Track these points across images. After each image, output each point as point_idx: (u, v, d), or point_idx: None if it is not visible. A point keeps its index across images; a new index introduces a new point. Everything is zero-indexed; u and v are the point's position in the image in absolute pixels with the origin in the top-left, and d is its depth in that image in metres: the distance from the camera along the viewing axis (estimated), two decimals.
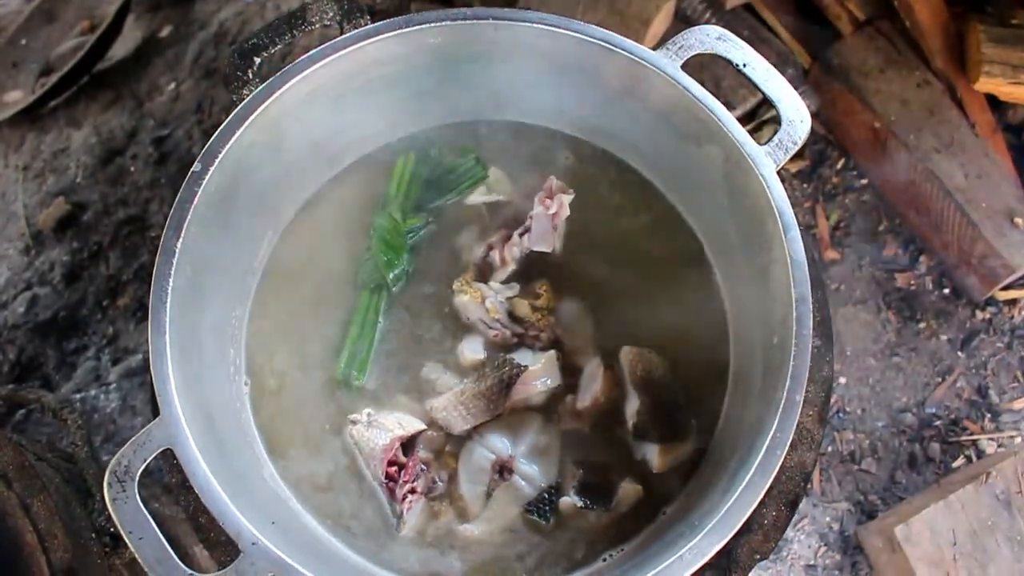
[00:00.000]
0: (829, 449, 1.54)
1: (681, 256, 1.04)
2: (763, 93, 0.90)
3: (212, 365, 0.95)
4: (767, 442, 0.79)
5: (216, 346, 0.97)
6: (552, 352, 0.97)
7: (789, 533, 1.49)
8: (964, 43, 1.52)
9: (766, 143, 0.88)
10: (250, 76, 1.03)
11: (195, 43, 1.89)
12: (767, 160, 0.88)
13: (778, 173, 0.88)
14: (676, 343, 0.98)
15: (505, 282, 1.01)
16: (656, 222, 1.05)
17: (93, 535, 1.06)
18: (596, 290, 1.02)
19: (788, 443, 0.80)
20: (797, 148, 0.89)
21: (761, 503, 0.94)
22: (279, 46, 1.04)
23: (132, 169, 1.76)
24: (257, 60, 1.03)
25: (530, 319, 0.98)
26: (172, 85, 1.85)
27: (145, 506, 1.02)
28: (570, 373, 0.98)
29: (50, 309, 1.66)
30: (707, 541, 0.77)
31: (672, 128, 0.96)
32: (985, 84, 1.45)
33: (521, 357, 0.96)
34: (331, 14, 1.05)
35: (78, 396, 1.55)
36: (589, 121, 1.06)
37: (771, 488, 0.95)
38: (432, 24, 0.93)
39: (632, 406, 0.95)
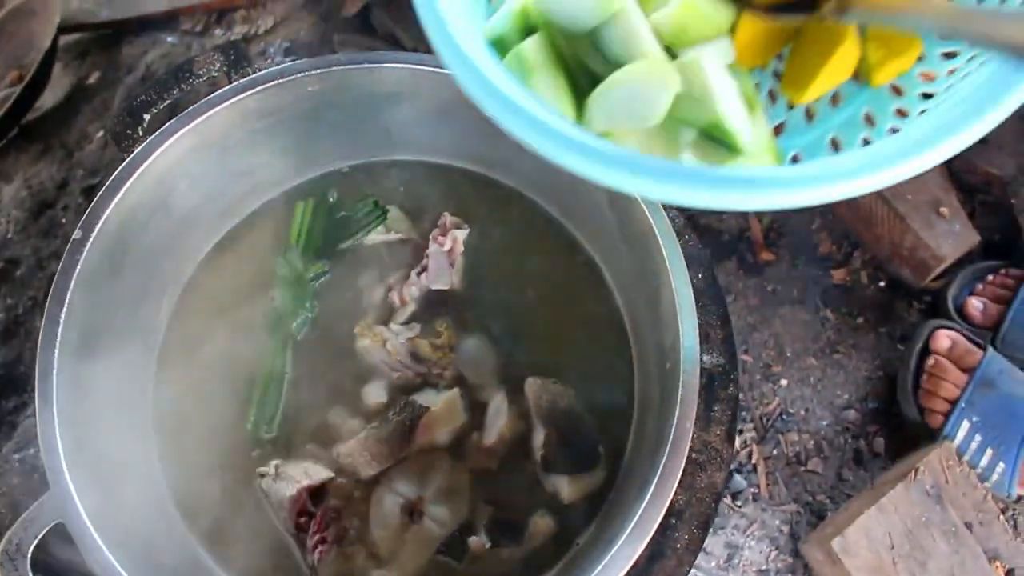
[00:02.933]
0: (775, 452, 1.54)
1: (582, 284, 1.04)
2: None
3: (115, 427, 0.94)
4: (659, 472, 0.79)
5: (119, 407, 0.96)
6: (455, 390, 0.97)
7: (739, 540, 1.49)
8: None
9: None
10: (140, 134, 1.03)
11: (123, 88, 1.88)
12: None
13: None
14: (582, 371, 0.98)
15: (407, 322, 1.01)
16: (556, 251, 1.05)
17: None
18: (499, 324, 1.01)
19: (679, 472, 0.80)
20: None
21: (673, 527, 0.94)
22: (168, 101, 1.04)
23: (63, 220, 1.75)
24: (147, 117, 1.03)
25: (431, 358, 0.98)
26: (101, 132, 1.84)
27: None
28: (476, 409, 0.98)
29: None
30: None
31: None
32: None
33: (425, 397, 0.96)
34: (218, 65, 1.05)
35: (17, 456, 1.54)
36: (482, 153, 1.06)
37: (682, 512, 0.95)
38: (307, 72, 0.93)
39: (539, 438, 0.95)
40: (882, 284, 1.63)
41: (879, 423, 1.54)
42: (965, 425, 1.40)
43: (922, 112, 0.62)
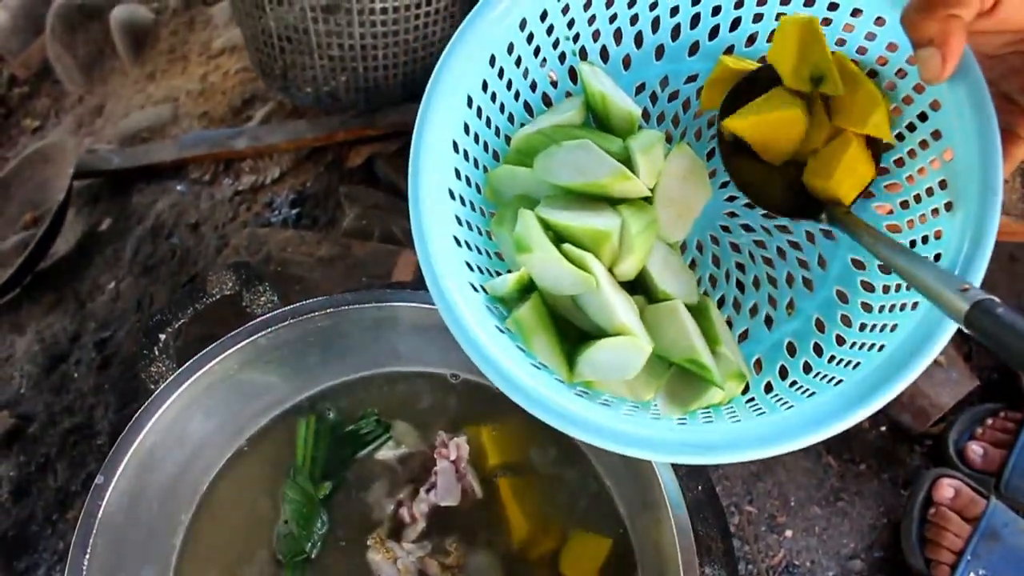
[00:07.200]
0: None
1: (592, 506, 1.05)
2: None
3: None
4: None
5: None
6: None
7: None
8: None
9: None
10: (156, 353, 1.06)
11: (133, 239, 1.93)
12: None
13: None
14: None
15: (418, 540, 1.03)
16: (567, 471, 1.07)
17: None
18: (506, 541, 1.03)
19: None
20: None
21: None
22: (183, 320, 1.08)
23: (76, 375, 1.78)
24: (162, 336, 1.07)
25: None
26: (112, 284, 1.88)
27: None
28: None
29: None
30: None
31: None
32: None
33: None
34: (230, 284, 1.09)
35: None
36: None
37: None
38: (317, 312, 0.97)
39: None
40: (883, 428, 1.65)
41: (886, 573, 1.54)
42: None
43: (861, 327, 0.70)
